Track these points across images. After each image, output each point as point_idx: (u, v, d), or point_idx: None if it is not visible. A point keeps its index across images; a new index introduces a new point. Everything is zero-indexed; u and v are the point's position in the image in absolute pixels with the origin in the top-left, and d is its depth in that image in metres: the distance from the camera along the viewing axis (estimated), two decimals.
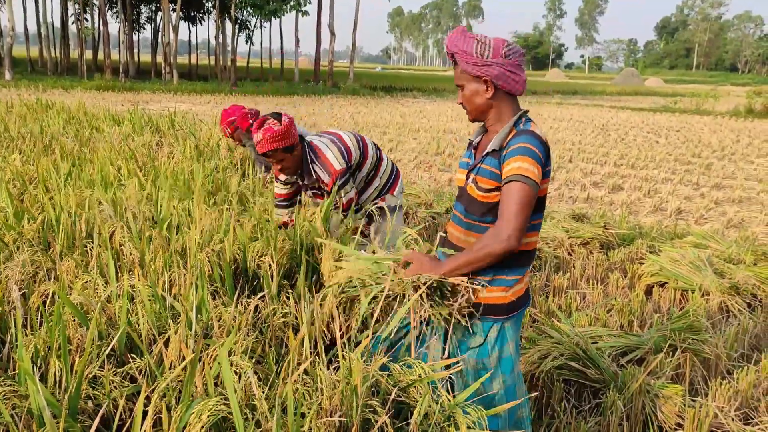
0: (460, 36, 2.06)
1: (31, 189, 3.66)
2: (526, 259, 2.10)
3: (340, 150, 3.31)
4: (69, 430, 1.59)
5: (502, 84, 2.03)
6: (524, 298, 2.14)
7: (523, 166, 1.93)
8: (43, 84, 23.89)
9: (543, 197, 2.06)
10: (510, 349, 2.12)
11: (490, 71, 2.01)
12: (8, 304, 2.22)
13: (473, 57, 2.01)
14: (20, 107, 9.39)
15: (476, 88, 2.06)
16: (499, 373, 2.12)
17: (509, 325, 2.11)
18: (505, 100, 2.07)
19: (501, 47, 2.02)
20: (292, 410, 1.55)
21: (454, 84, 2.72)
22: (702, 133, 16.32)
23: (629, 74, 67.16)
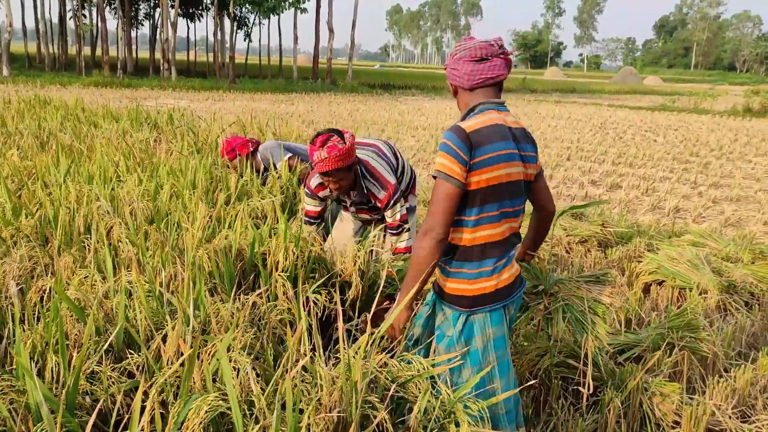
0: (461, 42, 2.16)
1: (29, 185, 3.65)
2: (479, 253, 2.06)
3: (389, 164, 3.23)
4: (66, 425, 1.58)
5: (453, 83, 2.16)
6: (497, 295, 2.08)
7: (439, 161, 2.00)
8: (41, 80, 23.84)
9: (487, 188, 2.01)
10: (477, 343, 2.09)
11: (449, 74, 2.16)
12: (6, 300, 2.22)
13: (458, 60, 2.12)
14: (18, 103, 9.37)
15: (453, 90, 2.21)
16: (468, 365, 2.11)
17: (478, 318, 2.08)
18: (464, 96, 2.16)
19: (455, 49, 2.14)
20: (290, 406, 1.55)
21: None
22: (700, 132, 16.33)
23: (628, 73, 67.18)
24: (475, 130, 1.99)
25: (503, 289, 2.10)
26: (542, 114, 20.06)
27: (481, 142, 1.99)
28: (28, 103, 9.31)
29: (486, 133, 2.00)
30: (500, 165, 2.01)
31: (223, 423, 1.69)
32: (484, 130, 2.01)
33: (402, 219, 3.22)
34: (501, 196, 2.05)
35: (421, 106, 21.48)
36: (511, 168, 2.05)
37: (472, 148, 1.97)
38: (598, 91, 40.74)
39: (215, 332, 2.02)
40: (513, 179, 2.07)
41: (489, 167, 1.99)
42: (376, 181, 3.16)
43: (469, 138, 1.98)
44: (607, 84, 51.52)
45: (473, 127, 2.00)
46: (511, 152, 2.04)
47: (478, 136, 1.99)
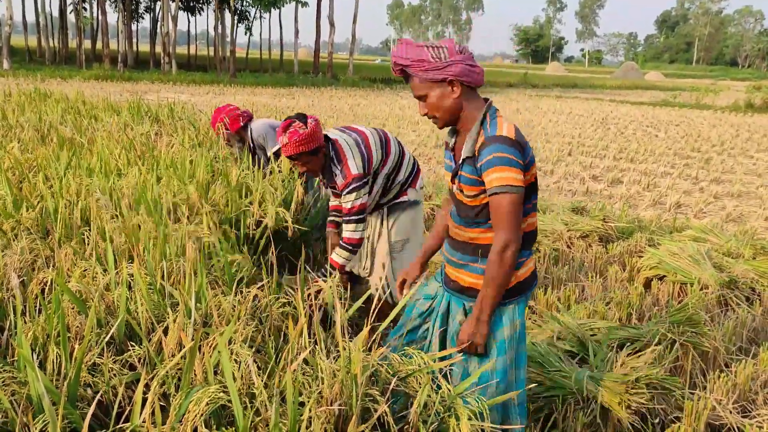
0: (408, 48, 2.05)
1: (30, 177, 3.64)
2: (526, 243, 2.11)
3: (362, 154, 3.21)
4: (68, 417, 1.58)
5: (467, 79, 2.04)
6: (527, 283, 2.15)
7: (502, 176, 1.95)
8: (42, 73, 23.82)
9: (533, 184, 2.07)
10: (504, 334, 2.13)
11: (453, 69, 2.02)
12: (7, 292, 2.21)
13: (432, 62, 2.01)
14: (18, 96, 9.36)
15: (442, 92, 2.05)
16: (493, 356, 2.13)
17: (508, 309, 2.13)
18: (471, 96, 2.09)
19: (453, 46, 2.04)
20: (291, 399, 1.55)
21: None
22: (701, 127, 16.31)
23: (629, 68, 67.08)
24: (516, 133, 2.01)
25: (530, 277, 2.16)
26: (543, 109, 20.03)
27: (524, 143, 2.01)
28: (28, 96, 9.30)
29: (520, 133, 2.03)
30: (534, 163, 2.06)
31: (225, 415, 1.69)
32: (518, 131, 2.03)
33: (353, 209, 3.18)
34: (534, 189, 2.10)
35: None
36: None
37: (523, 150, 1.99)
38: (600, 86, 40.67)
39: (216, 325, 2.02)
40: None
41: (533, 165, 2.04)
42: (340, 166, 3.18)
43: (518, 143, 1.98)
44: (609, 79, 51.41)
45: (512, 130, 2.00)
46: None
47: (521, 137, 2.01)
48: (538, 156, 10.27)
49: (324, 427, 1.58)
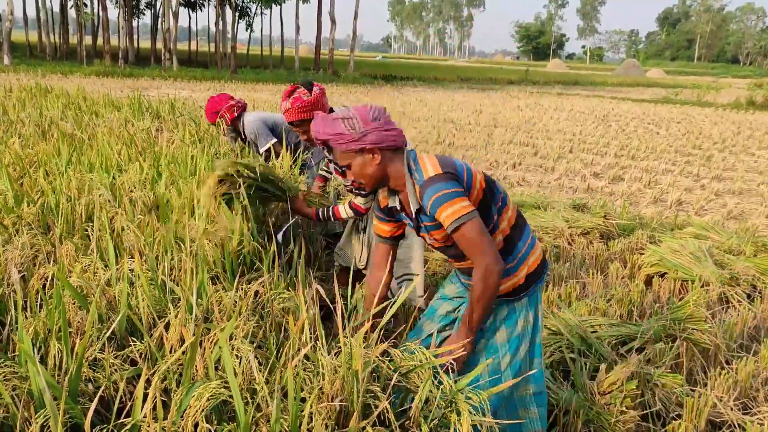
0: (324, 123, 2.11)
1: (30, 173, 3.64)
2: (510, 245, 2.15)
3: None
4: (69, 411, 1.58)
5: (387, 145, 2.09)
6: (537, 274, 2.19)
7: (452, 210, 1.98)
8: (42, 69, 23.79)
9: (486, 188, 2.11)
10: (518, 329, 2.19)
11: (370, 138, 2.06)
12: (8, 287, 2.21)
13: (348, 135, 2.06)
14: (19, 92, 9.35)
15: (363, 161, 2.10)
16: (508, 352, 2.18)
17: (522, 303, 2.19)
18: (394, 156, 2.13)
19: (366, 113, 2.09)
20: (292, 394, 1.55)
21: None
22: (703, 124, 16.29)
23: (630, 65, 66.98)
24: (441, 162, 2.05)
25: (539, 266, 2.20)
26: (544, 106, 20.01)
27: (453, 167, 2.06)
28: (29, 92, 9.29)
29: (445, 159, 2.08)
30: (470, 169, 2.11)
31: (226, 411, 1.69)
32: (442, 158, 2.08)
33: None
34: (492, 190, 2.13)
35: (423, 98, 21.43)
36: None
37: (456, 175, 2.03)
38: (601, 83, 40.61)
39: (218, 320, 2.02)
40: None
41: (472, 178, 2.08)
42: None
43: (448, 173, 2.02)
44: (610, 76, 51.34)
45: (436, 164, 2.04)
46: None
47: (446, 163, 2.05)
48: (539, 153, 10.26)
49: (325, 423, 1.58)
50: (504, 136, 11.99)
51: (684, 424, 2.48)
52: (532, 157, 9.93)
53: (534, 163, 9.39)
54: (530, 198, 6.48)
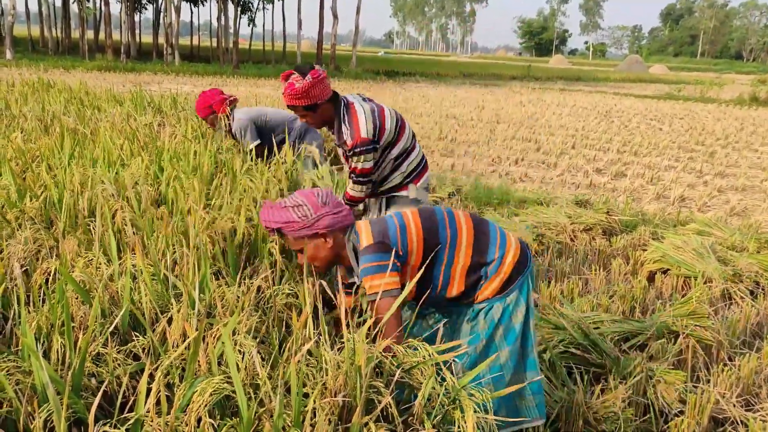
0: (273, 211, 2.15)
1: (33, 167, 3.64)
2: (478, 261, 2.22)
3: (374, 121, 3.23)
4: (72, 406, 1.58)
5: (337, 227, 2.16)
6: (517, 269, 2.24)
7: (374, 284, 2.08)
8: (45, 64, 23.76)
9: (425, 241, 2.16)
10: (515, 321, 2.24)
11: (322, 223, 2.13)
12: (11, 281, 2.21)
13: (300, 222, 2.12)
14: (22, 86, 9.34)
15: (316, 244, 2.17)
16: (506, 346, 2.24)
17: (512, 297, 2.23)
18: (343, 237, 2.21)
19: (314, 198, 2.15)
20: (295, 389, 1.54)
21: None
22: (706, 120, 16.25)
23: (633, 61, 66.78)
24: (373, 235, 2.14)
25: (520, 259, 2.25)
26: (547, 102, 19.97)
27: (385, 233, 2.14)
28: (31, 86, 9.28)
29: (376, 225, 2.17)
30: (405, 229, 2.17)
31: (229, 406, 1.69)
32: (373, 227, 2.16)
33: (356, 170, 3.28)
34: (433, 234, 2.20)
35: (426, 93, 21.39)
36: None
37: (389, 247, 2.10)
38: (604, 79, 40.51)
39: (220, 316, 2.02)
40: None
41: (407, 238, 2.15)
42: (351, 127, 3.24)
43: (380, 243, 2.10)
44: (613, 72, 51.22)
45: (369, 234, 2.14)
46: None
47: (379, 234, 2.13)
48: (541, 149, 10.24)
49: (328, 419, 1.58)
50: (506, 132, 11.97)
51: (686, 420, 2.48)
52: (535, 153, 9.92)
53: (536, 159, 9.37)
54: (533, 194, 6.47)
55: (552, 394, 2.62)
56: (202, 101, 5.09)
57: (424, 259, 2.17)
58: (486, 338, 2.23)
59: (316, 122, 3.33)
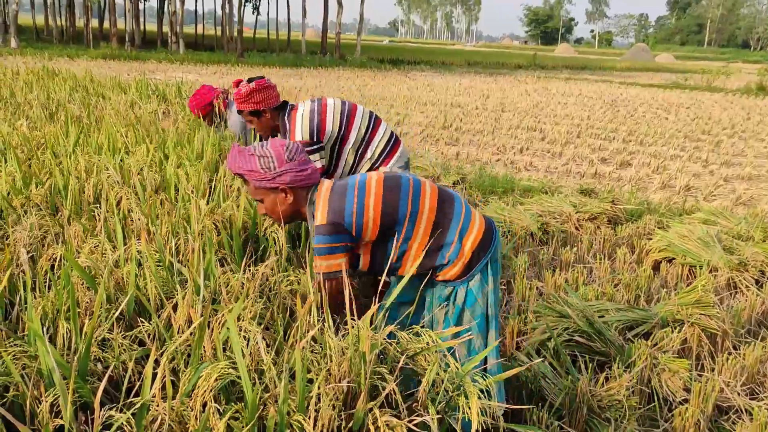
0: (239, 157, 2.13)
1: (38, 154, 3.65)
2: (437, 242, 2.18)
3: (311, 123, 3.28)
4: (78, 390, 1.59)
5: (299, 185, 2.14)
6: (479, 250, 2.20)
7: (324, 263, 2.11)
8: (49, 52, 23.75)
9: (383, 220, 2.12)
10: (479, 306, 2.23)
11: (284, 179, 2.11)
12: (17, 267, 2.22)
13: (261, 173, 2.11)
14: (26, 74, 9.35)
15: (275, 198, 2.17)
16: (477, 332, 2.25)
17: (475, 280, 2.22)
18: (306, 195, 2.19)
19: (282, 153, 2.12)
20: (300, 375, 1.55)
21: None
22: (712, 110, 16.16)
23: (639, 50, 66.33)
24: (328, 212, 2.10)
25: (482, 239, 2.20)
26: (552, 91, 19.88)
27: (341, 213, 2.10)
28: (36, 74, 9.29)
29: (332, 201, 2.12)
30: (362, 209, 2.12)
31: (234, 391, 1.70)
32: (330, 203, 2.12)
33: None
34: (391, 212, 2.15)
35: (430, 82, 21.32)
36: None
37: (342, 225, 2.09)
38: (609, 68, 40.27)
39: (225, 302, 2.03)
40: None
41: (363, 218, 2.11)
42: (288, 132, 3.35)
43: (331, 224, 2.08)
44: (619, 61, 50.87)
45: (325, 211, 2.11)
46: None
47: (334, 213, 2.10)
48: (546, 138, 10.20)
49: (332, 404, 1.59)
50: (511, 121, 11.92)
51: (691, 408, 2.48)
52: (540, 142, 9.88)
53: (541, 148, 9.34)
54: (537, 183, 6.46)
55: (556, 382, 2.62)
56: (201, 99, 5.09)
57: (379, 236, 2.15)
58: (454, 323, 2.23)
59: (261, 128, 3.45)
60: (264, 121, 3.41)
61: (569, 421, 2.43)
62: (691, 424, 2.42)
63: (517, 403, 2.44)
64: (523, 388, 2.59)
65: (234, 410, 1.56)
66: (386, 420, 1.57)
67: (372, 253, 2.19)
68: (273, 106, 3.37)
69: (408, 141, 9.30)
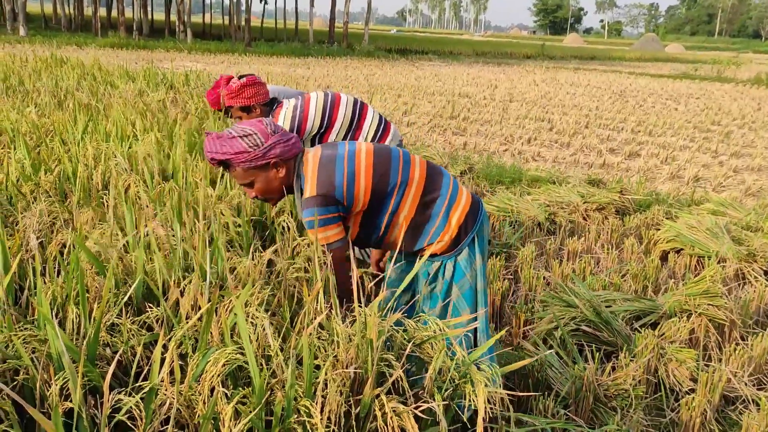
0: (221, 142, 2.04)
1: (47, 141, 3.66)
2: (424, 215, 2.18)
3: (293, 119, 3.36)
4: (87, 374, 1.60)
5: (288, 155, 2.09)
6: (467, 225, 2.21)
7: (321, 236, 2.08)
8: (57, 40, 23.79)
9: (374, 193, 2.10)
10: (468, 281, 2.24)
11: (275, 152, 2.05)
12: (27, 253, 2.24)
13: (252, 152, 2.03)
14: (35, 62, 9.37)
15: (267, 175, 2.10)
16: (466, 306, 2.25)
17: (463, 255, 2.22)
18: (292, 165, 2.14)
19: (264, 128, 2.07)
20: (307, 361, 1.55)
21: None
22: (722, 100, 16.04)
23: (649, 40, 65.81)
24: (318, 185, 2.07)
25: (463, 227, 2.20)
26: (560, 81, 19.77)
27: (331, 184, 2.06)
28: (45, 63, 9.31)
29: (321, 172, 2.08)
30: (353, 182, 2.09)
31: (241, 377, 1.71)
32: (320, 174, 2.08)
33: None
34: (382, 187, 2.13)
35: (438, 72, 21.24)
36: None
37: (334, 199, 2.06)
38: (619, 58, 39.99)
39: (232, 288, 2.03)
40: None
41: (354, 190, 2.09)
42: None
43: (322, 196, 2.06)
44: (628, 51, 50.49)
45: (314, 184, 2.07)
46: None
47: (324, 186, 2.06)
48: (554, 128, 10.16)
49: (339, 390, 1.59)
50: (519, 111, 11.87)
51: (698, 398, 2.47)
52: (548, 133, 9.84)
53: (549, 139, 9.30)
54: (545, 173, 6.43)
55: (563, 371, 2.62)
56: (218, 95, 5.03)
57: (369, 206, 2.13)
58: (442, 299, 2.23)
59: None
60: (254, 117, 3.42)
61: (575, 410, 2.43)
62: (698, 414, 2.41)
63: (523, 392, 2.44)
64: (530, 376, 2.59)
65: (242, 395, 1.57)
66: (393, 406, 1.58)
67: (361, 225, 2.18)
68: (263, 101, 3.41)
69: (415, 131, 9.28)
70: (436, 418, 1.61)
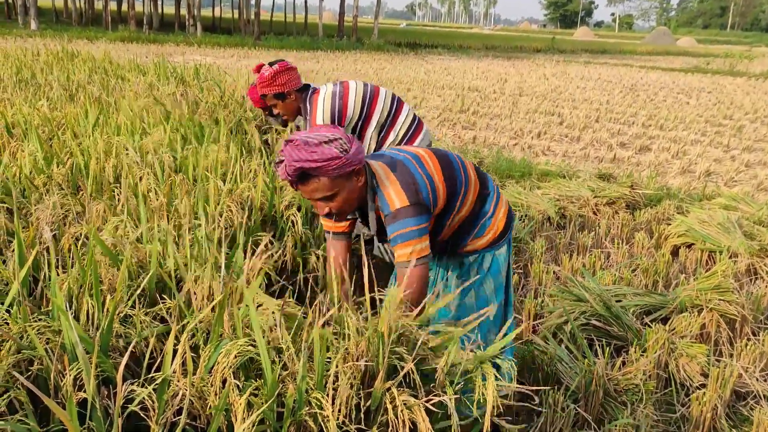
0: (305, 150, 1.79)
1: (59, 135, 3.68)
2: (477, 209, 2.17)
3: (333, 107, 3.26)
4: (101, 365, 1.62)
5: (357, 166, 1.87)
6: (507, 223, 2.25)
7: (411, 249, 1.88)
8: (69, 34, 23.87)
9: (449, 194, 2.03)
10: (502, 277, 2.28)
11: (360, 157, 1.85)
12: (41, 245, 2.25)
13: (342, 158, 1.80)
14: (46, 56, 9.42)
15: (351, 185, 1.88)
16: (495, 301, 2.27)
17: (502, 251, 2.26)
18: (365, 174, 1.94)
19: (340, 130, 1.86)
20: (318, 354, 1.56)
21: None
22: (735, 94, 15.90)
23: (661, 33, 65.22)
24: (407, 195, 1.90)
25: (507, 218, 2.26)
26: (571, 75, 19.66)
27: (417, 191, 1.92)
28: (56, 56, 9.35)
29: (404, 181, 1.92)
30: (433, 183, 1.99)
31: (253, 369, 1.72)
32: (403, 184, 1.92)
33: None
34: (454, 189, 2.07)
35: (448, 66, 21.17)
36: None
37: (423, 203, 1.91)
38: (630, 51, 39.67)
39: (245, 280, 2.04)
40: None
41: (436, 192, 1.99)
42: (309, 115, 3.35)
43: (414, 206, 1.89)
44: (639, 45, 50.08)
45: (402, 194, 1.90)
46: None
47: (413, 194, 1.90)
48: (564, 123, 10.11)
49: (350, 383, 1.60)
50: (529, 105, 11.82)
51: (708, 393, 2.47)
52: (558, 127, 9.79)
53: (559, 133, 9.26)
54: (555, 167, 6.41)
55: (572, 365, 2.62)
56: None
57: (442, 211, 2.04)
58: (475, 289, 2.23)
59: (286, 111, 3.40)
60: (289, 104, 3.38)
61: (585, 405, 2.43)
62: (709, 409, 2.41)
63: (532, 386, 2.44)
64: (539, 370, 2.59)
65: (253, 387, 1.58)
66: (404, 399, 1.59)
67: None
68: (296, 87, 3.35)
69: (425, 124, 9.26)
70: (447, 411, 1.61)
